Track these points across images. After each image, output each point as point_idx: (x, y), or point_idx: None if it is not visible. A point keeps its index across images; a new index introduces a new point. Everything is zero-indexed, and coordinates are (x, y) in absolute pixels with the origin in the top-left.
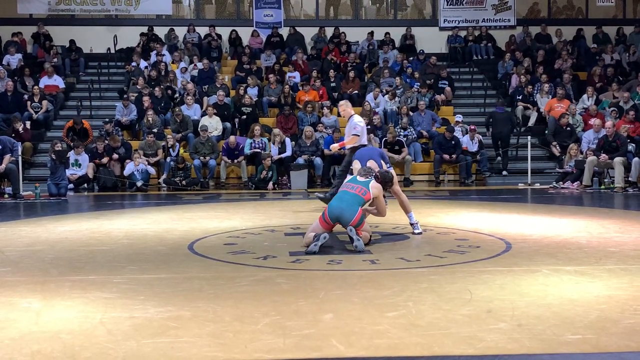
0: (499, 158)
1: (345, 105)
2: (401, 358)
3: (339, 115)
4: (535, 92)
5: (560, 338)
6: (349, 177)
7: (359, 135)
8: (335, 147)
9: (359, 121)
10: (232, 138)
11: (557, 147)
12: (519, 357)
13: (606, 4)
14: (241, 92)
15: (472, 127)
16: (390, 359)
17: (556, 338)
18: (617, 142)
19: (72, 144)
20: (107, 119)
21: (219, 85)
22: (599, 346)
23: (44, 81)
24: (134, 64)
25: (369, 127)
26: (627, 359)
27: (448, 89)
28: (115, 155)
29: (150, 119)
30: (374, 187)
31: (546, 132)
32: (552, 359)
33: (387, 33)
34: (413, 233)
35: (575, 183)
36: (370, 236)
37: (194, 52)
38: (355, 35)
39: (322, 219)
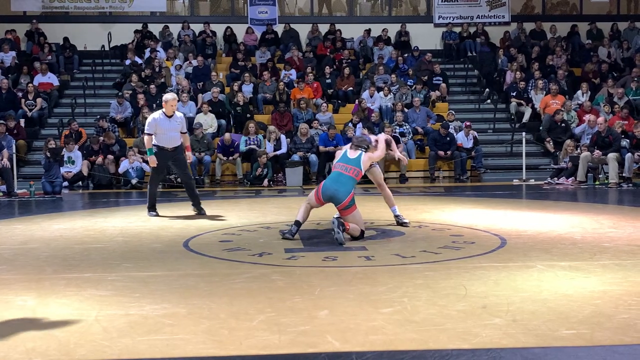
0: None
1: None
2: (396, 352)
3: (334, 112)
4: (530, 88)
5: (555, 333)
6: (339, 154)
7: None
8: None
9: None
10: (227, 135)
11: (551, 143)
12: (511, 350)
13: None
14: (235, 88)
15: (467, 123)
16: (386, 353)
17: (551, 333)
18: (609, 138)
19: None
20: (98, 116)
21: (214, 82)
22: (593, 341)
23: (38, 79)
24: (128, 61)
25: (366, 126)
26: (619, 352)
27: (443, 85)
28: (111, 157)
29: (146, 116)
30: (365, 162)
31: (541, 128)
32: (544, 353)
33: (384, 29)
34: (403, 224)
35: (570, 179)
36: (363, 230)
37: (189, 49)
38: (350, 31)
39: (316, 195)
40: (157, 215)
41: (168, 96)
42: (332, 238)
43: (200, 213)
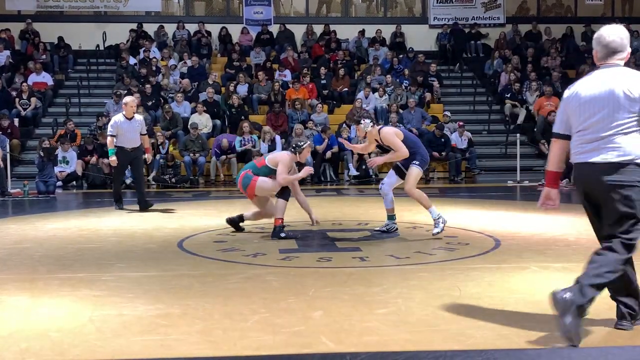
0: None
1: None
2: (389, 353)
3: (329, 112)
4: (525, 90)
5: (548, 334)
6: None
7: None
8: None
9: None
10: (224, 141)
11: (546, 145)
12: (505, 351)
13: (595, 2)
14: (231, 88)
15: (460, 123)
16: (379, 353)
17: (544, 334)
18: None
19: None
20: (99, 115)
21: (210, 83)
22: (586, 342)
23: (32, 78)
24: (123, 62)
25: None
26: (612, 354)
27: (435, 85)
28: (106, 160)
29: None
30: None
31: (535, 130)
32: (537, 354)
33: (378, 30)
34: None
35: (564, 180)
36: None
37: (185, 49)
38: (345, 32)
39: None
40: (123, 208)
41: (127, 99)
42: (326, 239)
43: (144, 208)
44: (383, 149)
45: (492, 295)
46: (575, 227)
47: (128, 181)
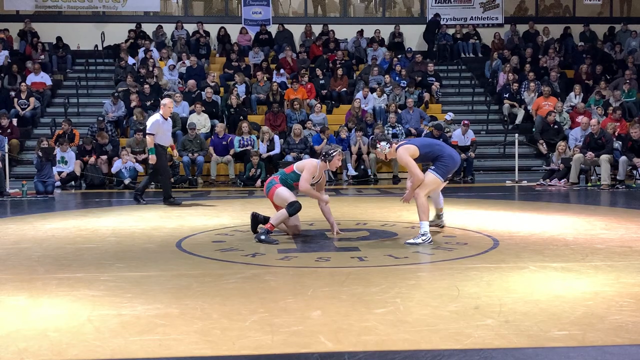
0: None
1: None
2: (388, 352)
3: (328, 112)
4: (523, 90)
5: (547, 334)
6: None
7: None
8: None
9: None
10: (219, 126)
11: (544, 145)
12: (502, 351)
13: (593, 2)
14: (234, 91)
15: (465, 121)
16: (377, 353)
17: (543, 334)
18: (602, 140)
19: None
20: (100, 117)
21: (210, 83)
22: (585, 342)
23: (31, 78)
24: (122, 62)
25: (360, 124)
26: (610, 353)
27: (436, 84)
28: (104, 157)
29: (140, 115)
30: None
31: (533, 129)
32: (535, 353)
33: (376, 30)
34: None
35: (562, 180)
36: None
37: (183, 49)
38: (344, 32)
39: None
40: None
41: (165, 100)
42: (325, 239)
43: (172, 203)
44: None
45: (490, 295)
46: (573, 226)
47: (126, 181)
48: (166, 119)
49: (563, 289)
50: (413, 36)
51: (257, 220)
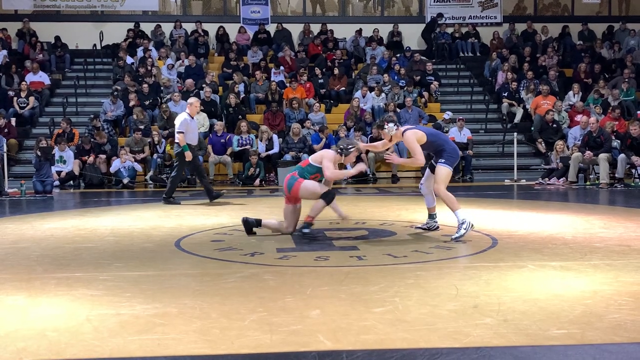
0: None
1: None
2: (386, 350)
3: (326, 112)
4: (521, 89)
5: (545, 333)
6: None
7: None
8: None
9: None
10: (218, 124)
11: (543, 144)
12: (501, 349)
13: (591, 1)
14: (235, 89)
15: (461, 118)
16: (376, 351)
17: (542, 333)
18: (601, 138)
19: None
20: (92, 115)
21: (208, 82)
22: (583, 340)
23: (29, 77)
24: (120, 61)
25: (359, 124)
26: (609, 351)
27: (435, 83)
28: (102, 156)
29: (140, 114)
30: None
31: (532, 128)
32: (533, 352)
33: (375, 29)
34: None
35: (561, 179)
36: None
37: (182, 49)
38: (343, 32)
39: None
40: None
41: (192, 99)
42: (324, 238)
43: (214, 197)
44: None
45: (489, 294)
46: (572, 225)
47: (125, 181)
48: (193, 118)
49: (562, 287)
50: (412, 35)
51: (249, 224)
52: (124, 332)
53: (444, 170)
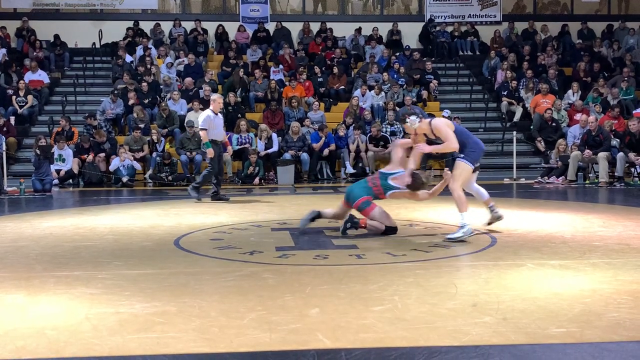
0: None
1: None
2: (384, 349)
3: (326, 110)
4: (521, 87)
5: (544, 331)
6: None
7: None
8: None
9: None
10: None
11: (542, 143)
12: (500, 347)
13: None
14: (240, 72)
15: (456, 117)
16: (374, 350)
17: (541, 331)
18: (600, 137)
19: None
20: (87, 114)
21: (207, 80)
22: (582, 339)
23: (28, 76)
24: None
25: (358, 122)
26: (607, 350)
27: (434, 82)
28: (102, 155)
29: (140, 113)
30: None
31: (531, 127)
32: (532, 350)
33: (374, 28)
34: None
35: (560, 178)
36: (389, 226)
37: (181, 47)
38: (342, 30)
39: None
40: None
41: (215, 95)
42: (323, 236)
43: (220, 199)
44: (432, 143)
45: (488, 293)
46: (571, 224)
47: (124, 179)
48: (216, 114)
49: (561, 286)
50: (411, 34)
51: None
52: (123, 330)
53: (462, 166)
